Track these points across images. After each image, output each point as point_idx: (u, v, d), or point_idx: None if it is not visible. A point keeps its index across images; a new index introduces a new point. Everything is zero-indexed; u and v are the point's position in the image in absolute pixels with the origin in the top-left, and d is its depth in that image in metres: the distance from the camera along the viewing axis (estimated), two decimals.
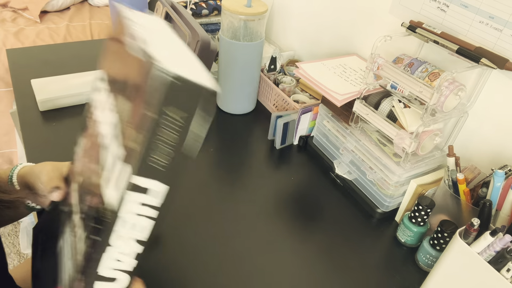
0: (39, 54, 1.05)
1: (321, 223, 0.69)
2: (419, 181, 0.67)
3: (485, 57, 0.59)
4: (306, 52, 1.05)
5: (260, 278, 0.59)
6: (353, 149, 0.73)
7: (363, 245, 0.66)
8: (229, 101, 0.91)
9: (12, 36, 1.61)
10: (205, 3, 1.16)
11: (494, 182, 0.56)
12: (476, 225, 0.50)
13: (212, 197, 0.71)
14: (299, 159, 0.82)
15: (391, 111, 0.66)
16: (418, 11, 0.71)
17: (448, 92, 0.58)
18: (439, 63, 0.70)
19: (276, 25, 1.15)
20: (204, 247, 0.62)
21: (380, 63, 0.64)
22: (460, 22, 0.65)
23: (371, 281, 0.60)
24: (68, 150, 0.76)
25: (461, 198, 0.60)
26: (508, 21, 0.58)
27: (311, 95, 0.91)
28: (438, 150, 0.69)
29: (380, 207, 0.70)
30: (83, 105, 0.88)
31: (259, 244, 0.63)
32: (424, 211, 0.62)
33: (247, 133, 0.88)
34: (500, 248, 0.46)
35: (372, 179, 0.71)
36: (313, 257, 0.63)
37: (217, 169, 0.77)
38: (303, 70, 0.78)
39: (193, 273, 0.58)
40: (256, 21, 0.82)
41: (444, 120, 0.64)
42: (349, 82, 0.76)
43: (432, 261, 0.61)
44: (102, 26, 1.82)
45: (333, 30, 0.94)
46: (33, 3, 1.74)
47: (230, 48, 0.83)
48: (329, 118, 0.78)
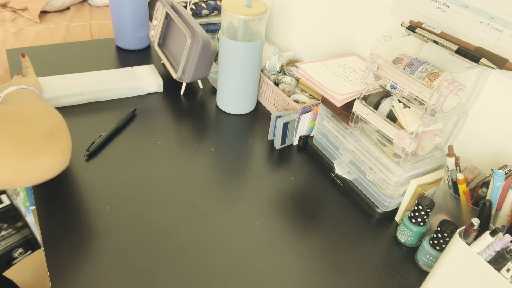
0: (39, 54, 1.05)
1: (321, 223, 0.69)
2: (419, 181, 0.67)
3: (484, 57, 0.59)
4: (306, 52, 1.05)
5: (260, 278, 0.59)
6: (353, 149, 0.74)
7: (363, 245, 0.66)
8: (229, 101, 0.91)
9: (12, 36, 1.62)
10: (205, 3, 1.16)
11: (494, 182, 0.56)
12: (476, 225, 0.50)
13: (212, 197, 0.71)
14: (299, 159, 0.83)
15: (391, 111, 0.66)
16: (418, 11, 0.71)
17: (448, 92, 0.58)
18: (439, 63, 0.70)
19: (276, 25, 1.15)
20: (203, 247, 0.62)
21: (379, 63, 0.64)
22: (460, 23, 0.65)
23: (371, 281, 0.60)
24: None
25: (461, 198, 0.60)
26: (508, 21, 0.58)
27: (311, 95, 0.91)
28: (438, 150, 0.69)
29: (380, 207, 0.70)
30: (84, 105, 0.88)
31: (259, 244, 0.63)
32: (424, 211, 0.62)
33: (247, 133, 0.88)
34: (500, 248, 0.46)
35: (372, 179, 0.71)
36: (312, 257, 0.63)
37: (217, 169, 0.77)
38: (303, 70, 0.79)
39: (193, 273, 0.58)
40: (256, 21, 0.82)
41: (444, 120, 0.64)
42: (349, 82, 0.76)
43: (432, 261, 0.61)
44: (102, 26, 1.82)
45: (333, 30, 0.94)
46: (33, 3, 1.74)
47: (230, 48, 0.83)
48: (329, 118, 0.78)
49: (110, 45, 1.14)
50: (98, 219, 0.64)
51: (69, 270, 0.56)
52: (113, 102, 0.91)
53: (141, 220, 0.65)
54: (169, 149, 0.80)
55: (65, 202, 0.66)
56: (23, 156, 0.48)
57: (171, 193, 0.70)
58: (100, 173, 0.72)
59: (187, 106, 0.94)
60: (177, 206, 0.68)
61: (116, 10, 1.06)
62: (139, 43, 1.13)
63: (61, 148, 0.55)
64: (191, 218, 0.66)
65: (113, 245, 0.60)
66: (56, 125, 0.56)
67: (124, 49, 1.14)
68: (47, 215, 0.63)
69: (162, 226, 0.64)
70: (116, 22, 1.09)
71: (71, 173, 0.71)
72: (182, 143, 0.82)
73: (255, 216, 0.68)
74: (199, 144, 0.82)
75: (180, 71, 0.92)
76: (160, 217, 0.66)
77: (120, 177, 0.72)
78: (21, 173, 0.48)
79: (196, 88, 1.01)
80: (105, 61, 1.06)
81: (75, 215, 0.64)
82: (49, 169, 0.53)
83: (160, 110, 0.91)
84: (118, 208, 0.66)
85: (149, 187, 0.71)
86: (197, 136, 0.84)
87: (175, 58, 0.97)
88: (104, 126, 0.82)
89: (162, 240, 0.62)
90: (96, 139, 0.78)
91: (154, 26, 1.03)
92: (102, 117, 0.86)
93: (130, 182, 0.71)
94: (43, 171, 0.52)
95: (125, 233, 0.62)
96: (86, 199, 0.67)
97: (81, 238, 0.61)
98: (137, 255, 0.59)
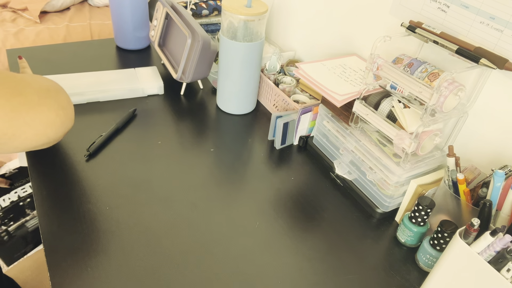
0: (39, 54, 1.05)
1: (321, 223, 0.69)
2: (419, 181, 0.67)
3: (484, 57, 0.59)
4: (306, 52, 1.05)
5: (259, 278, 0.59)
6: (353, 149, 0.74)
7: (363, 245, 0.66)
8: (229, 101, 0.91)
9: (12, 37, 1.62)
10: (205, 3, 1.16)
11: (494, 182, 0.56)
12: (476, 225, 0.50)
13: (212, 197, 0.71)
14: (299, 159, 0.83)
15: (391, 111, 0.66)
16: (418, 11, 0.71)
17: (448, 92, 0.58)
18: (438, 63, 0.70)
19: (276, 25, 1.15)
20: (203, 247, 0.62)
21: (379, 64, 0.64)
22: (461, 23, 0.65)
23: (371, 281, 0.60)
24: (69, 149, 0.76)
25: (461, 198, 0.60)
26: (508, 21, 0.58)
27: (311, 95, 0.91)
28: (438, 150, 0.69)
29: (380, 207, 0.70)
30: (83, 105, 0.88)
31: (259, 244, 0.63)
32: (424, 211, 0.62)
33: (247, 133, 0.88)
34: (500, 248, 0.46)
35: (372, 179, 0.71)
36: (312, 257, 0.63)
37: (217, 169, 0.77)
38: (303, 71, 0.79)
39: (193, 273, 0.58)
40: (256, 21, 0.82)
41: (444, 120, 0.64)
42: (349, 82, 0.76)
43: (432, 261, 0.61)
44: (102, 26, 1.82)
45: (333, 30, 0.94)
46: (33, 3, 1.74)
47: (230, 48, 0.83)
48: (329, 118, 0.78)
49: (110, 45, 1.14)
50: (98, 219, 0.64)
51: (69, 270, 0.56)
52: (113, 102, 0.91)
53: (141, 220, 0.65)
54: (169, 149, 0.80)
55: (65, 202, 0.66)
56: (16, 106, 0.47)
57: (171, 193, 0.70)
58: (100, 173, 0.72)
59: (187, 106, 0.94)
60: (177, 206, 0.68)
61: (116, 10, 1.06)
62: (139, 43, 1.13)
63: (61, 104, 0.54)
64: (191, 218, 0.66)
65: (113, 245, 0.60)
66: (53, 85, 0.56)
67: (124, 49, 1.14)
68: (47, 215, 0.63)
69: (162, 226, 0.64)
70: (116, 22, 1.09)
71: (71, 173, 0.71)
72: (182, 143, 0.82)
73: (255, 216, 0.68)
74: (199, 144, 0.82)
75: (180, 71, 0.92)
76: (160, 217, 0.66)
77: (120, 177, 0.72)
78: (18, 126, 0.48)
79: (196, 88, 1.01)
80: (105, 61, 1.06)
81: (75, 215, 0.64)
82: (49, 123, 0.52)
83: (160, 110, 0.91)
84: (118, 208, 0.66)
85: (149, 187, 0.71)
86: (197, 136, 0.84)
87: (175, 58, 0.97)
88: (104, 126, 0.82)
89: (162, 240, 0.62)
90: (96, 139, 0.78)
91: (154, 26, 1.03)
92: (102, 117, 0.86)
93: (130, 182, 0.71)
94: (44, 125, 0.51)
95: (125, 233, 0.62)
96: (86, 199, 0.67)
97: (81, 238, 0.61)
98: (137, 255, 0.59)
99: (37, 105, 0.50)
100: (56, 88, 0.56)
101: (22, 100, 0.48)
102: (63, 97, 0.56)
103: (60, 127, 0.54)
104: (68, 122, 0.55)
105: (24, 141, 0.50)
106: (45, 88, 0.52)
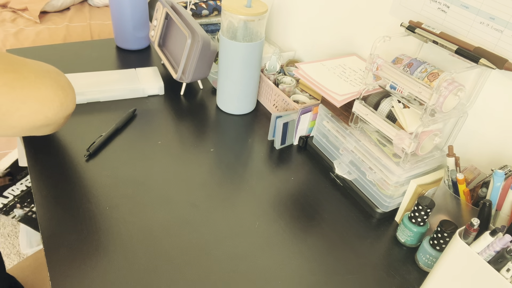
0: (39, 54, 1.05)
1: (321, 223, 0.69)
2: (419, 181, 0.67)
3: (484, 57, 0.59)
4: (306, 52, 1.05)
5: (260, 278, 0.59)
6: (352, 149, 0.74)
7: (363, 245, 0.66)
8: (229, 101, 0.91)
9: (12, 37, 1.62)
10: (205, 4, 1.16)
11: (494, 182, 0.56)
12: (476, 225, 0.50)
13: (212, 197, 0.71)
14: (299, 159, 0.83)
15: (390, 111, 0.66)
16: (418, 11, 0.71)
17: (447, 93, 0.58)
18: (438, 64, 0.70)
19: (276, 25, 1.15)
20: (203, 247, 0.62)
21: (379, 64, 0.64)
22: (461, 23, 0.65)
23: (371, 281, 0.60)
24: (69, 149, 0.76)
25: (461, 198, 0.60)
26: (508, 22, 0.58)
27: (311, 95, 0.91)
28: (438, 150, 0.69)
29: (380, 207, 0.70)
30: (83, 105, 0.88)
31: (259, 244, 0.64)
32: (424, 211, 0.62)
33: (247, 133, 0.88)
34: (500, 248, 0.46)
35: (372, 180, 0.71)
36: (312, 257, 0.63)
37: (217, 169, 0.77)
38: (303, 71, 0.79)
39: (193, 273, 0.58)
40: (256, 21, 0.82)
41: (444, 120, 0.64)
42: (349, 82, 0.76)
43: (432, 261, 0.61)
44: (102, 26, 1.82)
45: (333, 30, 0.94)
46: (33, 3, 1.75)
47: (230, 48, 0.83)
48: (329, 118, 0.78)
49: (110, 45, 1.15)
50: (98, 219, 0.64)
51: (69, 270, 0.56)
52: (113, 102, 0.91)
53: (141, 220, 0.65)
54: (169, 149, 0.80)
55: (65, 202, 0.66)
56: (9, 82, 0.47)
57: (171, 193, 0.70)
58: (100, 173, 0.72)
59: (187, 106, 0.94)
60: (177, 206, 0.68)
61: (116, 10, 1.06)
62: (139, 43, 1.13)
63: (60, 85, 0.53)
64: (191, 218, 0.66)
65: (113, 245, 0.60)
66: (54, 69, 0.56)
67: (124, 49, 1.14)
68: (47, 215, 0.63)
69: (162, 226, 0.64)
70: (116, 22, 1.09)
71: (71, 173, 0.71)
72: (182, 143, 0.82)
73: (255, 216, 0.68)
74: (199, 144, 0.82)
75: (180, 71, 0.92)
76: (160, 217, 0.66)
77: (120, 177, 0.72)
78: (11, 100, 0.47)
79: (196, 89, 1.01)
80: (105, 61, 1.06)
81: (75, 215, 0.64)
82: (46, 101, 0.51)
83: (160, 110, 0.91)
84: (118, 208, 0.66)
85: (149, 187, 0.71)
86: (197, 136, 0.84)
87: (175, 58, 0.97)
88: (104, 126, 0.82)
89: (162, 240, 0.62)
90: (96, 140, 0.78)
91: (154, 27, 1.03)
92: (102, 117, 0.86)
93: (130, 182, 0.71)
94: (40, 103, 0.50)
95: (125, 233, 0.62)
96: (86, 199, 0.67)
97: (81, 238, 0.61)
98: (137, 255, 0.59)
99: (33, 82, 0.49)
100: (56, 71, 0.56)
101: (17, 77, 0.48)
102: (63, 79, 0.56)
103: (60, 108, 0.53)
104: (68, 103, 0.55)
105: (19, 119, 0.49)
106: (44, 69, 0.52)
